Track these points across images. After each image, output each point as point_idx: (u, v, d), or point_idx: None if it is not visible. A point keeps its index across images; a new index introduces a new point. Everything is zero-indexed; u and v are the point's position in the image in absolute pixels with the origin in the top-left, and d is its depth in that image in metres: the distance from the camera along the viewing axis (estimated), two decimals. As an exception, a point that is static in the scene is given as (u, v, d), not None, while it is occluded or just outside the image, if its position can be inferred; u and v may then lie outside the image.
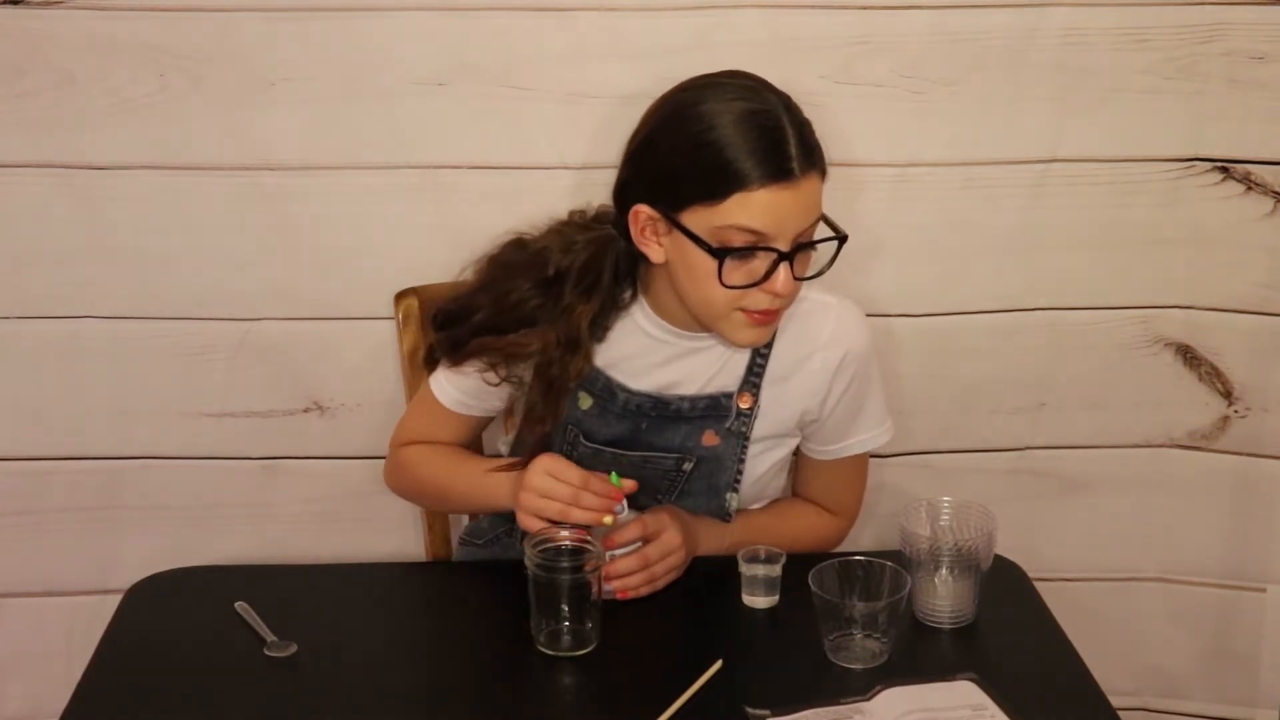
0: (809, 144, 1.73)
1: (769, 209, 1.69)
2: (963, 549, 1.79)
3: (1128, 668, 2.46)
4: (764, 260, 1.72)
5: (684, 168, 1.73)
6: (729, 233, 1.70)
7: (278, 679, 1.71)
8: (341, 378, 2.24)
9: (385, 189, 2.17)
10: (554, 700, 1.71)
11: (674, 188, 1.74)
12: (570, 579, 1.71)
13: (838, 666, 1.71)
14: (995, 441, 2.36)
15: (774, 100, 1.74)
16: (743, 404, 1.89)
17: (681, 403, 1.89)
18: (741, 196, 1.69)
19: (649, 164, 1.78)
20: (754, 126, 1.70)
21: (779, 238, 1.71)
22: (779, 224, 1.70)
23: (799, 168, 1.70)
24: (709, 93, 1.75)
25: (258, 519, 2.32)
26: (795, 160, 1.70)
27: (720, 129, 1.70)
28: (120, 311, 2.22)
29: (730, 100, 1.73)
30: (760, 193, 1.69)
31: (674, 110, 1.77)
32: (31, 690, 2.37)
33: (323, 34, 2.11)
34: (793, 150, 1.70)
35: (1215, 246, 2.26)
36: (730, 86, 1.76)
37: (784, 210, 1.70)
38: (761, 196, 1.69)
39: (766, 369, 1.90)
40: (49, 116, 2.12)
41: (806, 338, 1.90)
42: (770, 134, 1.70)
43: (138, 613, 1.87)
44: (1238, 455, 2.36)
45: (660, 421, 1.90)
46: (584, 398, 1.90)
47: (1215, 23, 2.15)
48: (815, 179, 1.74)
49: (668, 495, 1.93)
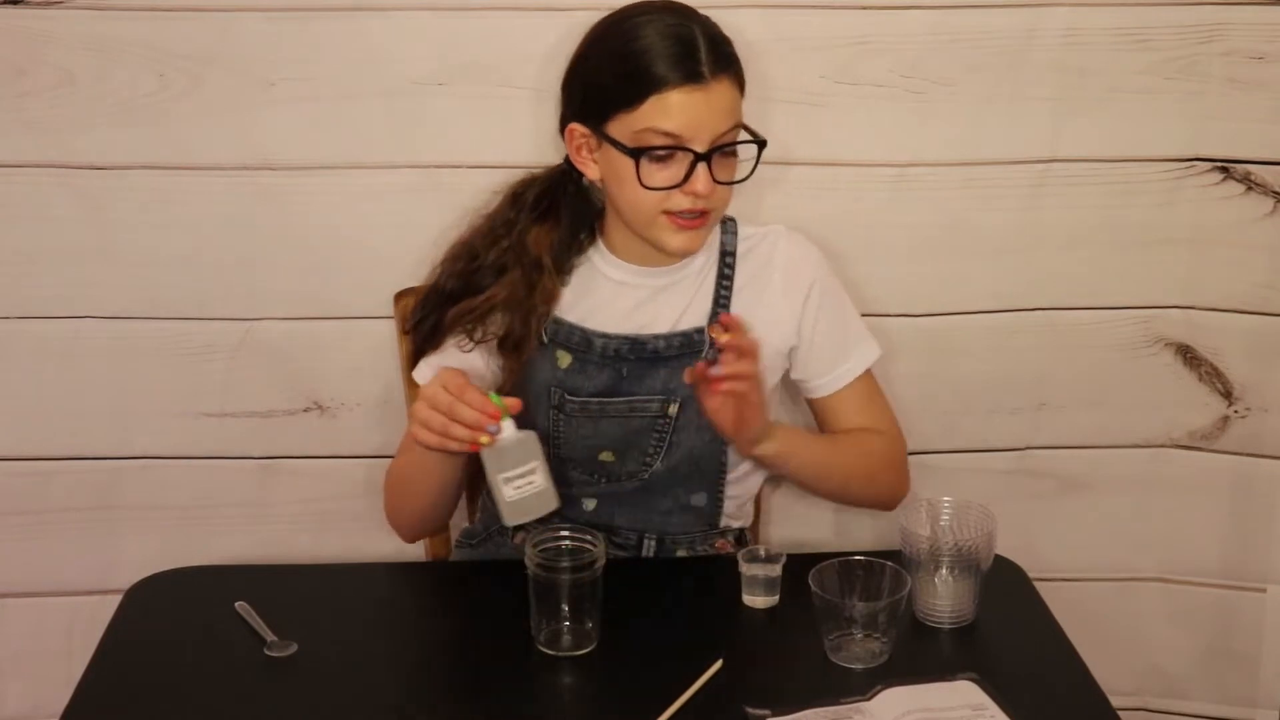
0: (722, 52, 1.84)
1: (682, 110, 1.80)
2: (963, 549, 1.79)
3: (1128, 668, 2.46)
4: (682, 162, 1.82)
5: (606, 80, 1.85)
6: (648, 136, 1.81)
7: (278, 679, 1.71)
8: (341, 378, 2.24)
9: (385, 189, 2.17)
10: (554, 700, 1.71)
11: (599, 100, 1.85)
12: (570, 579, 1.71)
13: (838, 666, 1.71)
14: (995, 441, 2.36)
15: (691, 14, 1.86)
16: (713, 333, 1.93)
17: (657, 341, 1.94)
18: (656, 99, 1.80)
19: (578, 83, 1.89)
20: (668, 36, 1.82)
21: (694, 139, 1.81)
22: (692, 125, 1.81)
23: (709, 71, 1.81)
24: (632, 13, 1.87)
25: (257, 519, 2.32)
26: (705, 64, 1.81)
27: (638, 40, 1.82)
28: (120, 311, 2.22)
29: (649, 17, 1.85)
30: (673, 94, 1.80)
31: (599, 31, 1.89)
32: (31, 690, 2.37)
33: (323, 34, 2.11)
34: (704, 55, 1.81)
35: (1215, 246, 2.26)
36: (653, 7, 1.87)
37: (697, 111, 1.80)
38: (675, 98, 1.80)
39: (731, 298, 1.96)
40: (49, 116, 2.12)
41: (760, 261, 2.00)
42: (683, 42, 1.81)
43: (138, 613, 1.87)
44: (1238, 455, 2.36)
45: (639, 366, 1.94)
46: (562, 356, 1.94)
47: (1215, 23, 2.15)
48: (728, 84, 1.84)
49: (660, 447, 1.95)
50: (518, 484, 1.72)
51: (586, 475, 1.98)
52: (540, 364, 1.96)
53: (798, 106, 2.17)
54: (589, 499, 1.99)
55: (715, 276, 1.98)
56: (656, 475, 1.96)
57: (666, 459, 1.96)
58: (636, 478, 1.97)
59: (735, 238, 2.01)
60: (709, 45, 1.82)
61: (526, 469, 1.72)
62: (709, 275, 1.98)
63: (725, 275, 1.98)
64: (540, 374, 1.95)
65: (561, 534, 1.76)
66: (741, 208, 2.21)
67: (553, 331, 1.95)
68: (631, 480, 1.97)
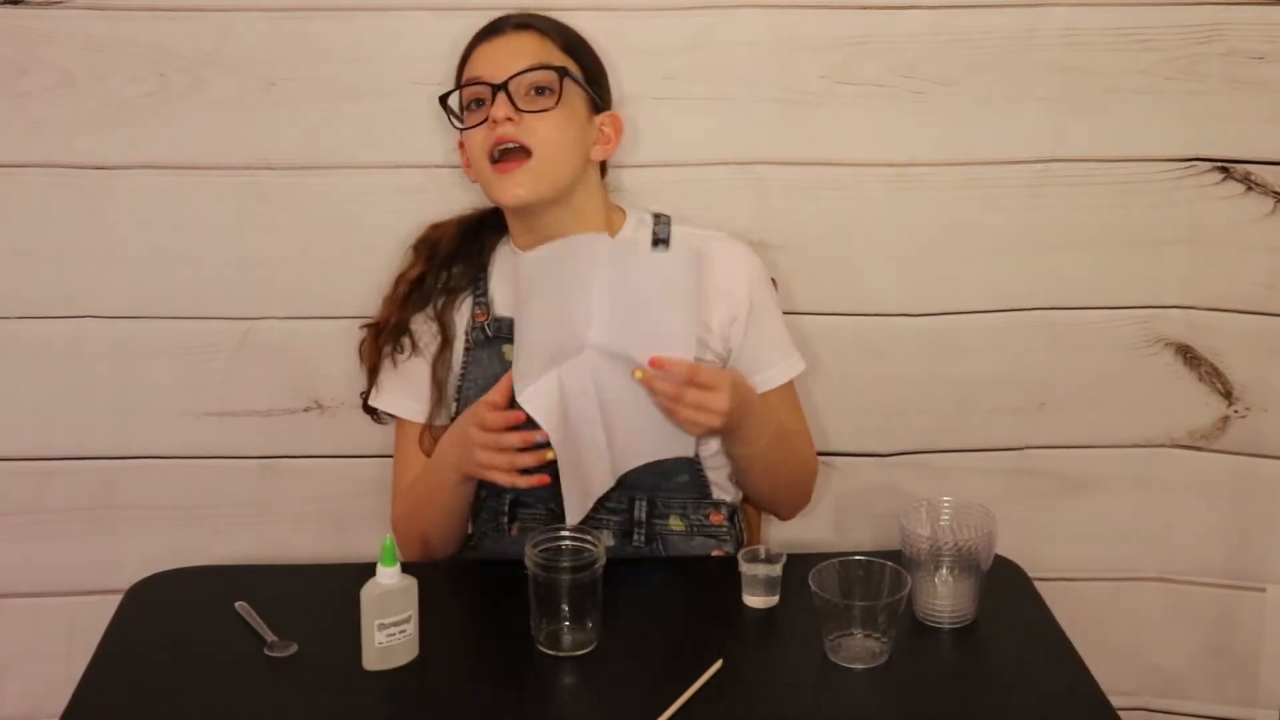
0: (530, 17, 2.00)
1: (479, 58, 1.98)
2: (963, 549, 1.79)
3: (1128, 668, 2.46)
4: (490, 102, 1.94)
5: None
6: (463, 91, 1.98)
7: (278, 679, 1.71)
8: (342, 377, 2.23)
9: (385, 189, 2.17)
10: (554, 700, 1.71)
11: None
12: (570, 579, 1.71)
13: (838, 666, 1.71)
14: (995, 441, 2.36)
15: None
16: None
17: None
18: (467, 61, 2.00)
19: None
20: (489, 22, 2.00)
21: (493, 76, 1.94)
22: (487, 64, 1.96)
23: (508, 26, 1.98)
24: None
25: (258, 519, 2.32)
26: (506, 23, 1.99)
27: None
28: (120, 311, 2.22)
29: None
30: (476, 51, 1.99)
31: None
32: (31, 690, 2.36)
33: (323, 34, 2.11)
34: (506, 18, 1.99)
35: (1215, 246, 2.26)
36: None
37: (493, 54, 1.97)
38: (476, 53, 1.99)
39: None
40: (49, 116, 2.12)
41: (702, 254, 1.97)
42: (495, 20, 2.00)
43: (138, 613, 1.87)
44: (1238, 455, 2.35)
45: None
46: (508, 349, 1.97)
47: (1215, 23, 2.15)
48: (531, 35, 1.98)
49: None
50: (390, 630, 1.69)
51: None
52: (487, 361, 1.99)
53: (798, 106, 2.17)
54: None
55: None
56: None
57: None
58: None
59: (668, 228, 2.03)
60: (517, 15, 2.00)
61: (402, 618, 1.70)
62: None
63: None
64: (489, 369, 1.98)
65: (561, 534, 1.76)
66: (742, 207, 2.21)
67: (495, 328, 1.99)
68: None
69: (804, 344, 2.18)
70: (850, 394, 2.31)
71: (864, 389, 2.31)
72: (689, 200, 2.16)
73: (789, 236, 2.23)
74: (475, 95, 1.96)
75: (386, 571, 1.69)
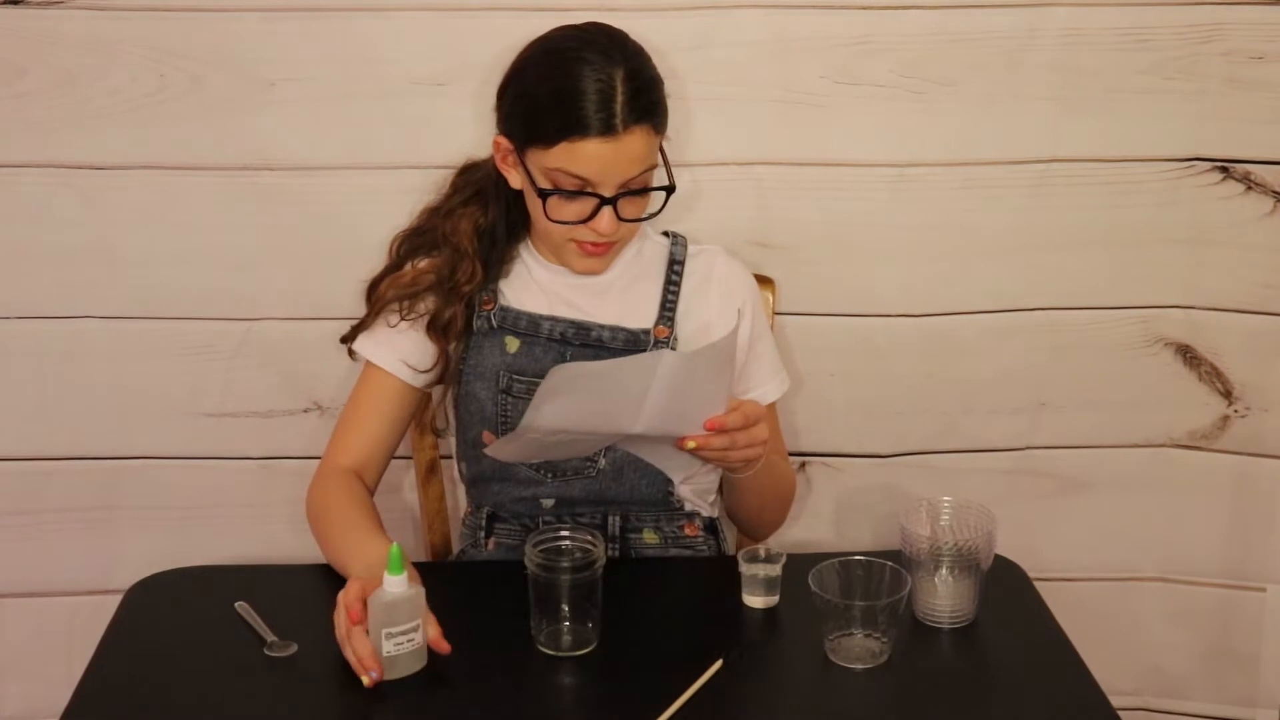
0: (640, 102, 1.85)
1: (592, 159, 1.84)
2: (963, 549, 1.79)
3: (1128, 668, 2.46)
4: (589, 202, 1.87)
5: (525, 111, 1.88)
6: (558, 175, 1.86)
7: (278, 679, 1.71)
8: (342, 378, 2.23)
9: (385, 189, 2.17)
10: (554, 700, 1.71)
11: (518, 127, 1.89)
12: (570, 579, 1.71)
13: (838, 666, 1.71)
14: (995, 441, 2.36)
15: (617, 57, 1.86)
16: (660, 334, 1.96)
17: (602, 330, 1.97)
18: (568, 145, 1.84)
19: (505, 101, 1.93)
20: (588, 81, 1.83)
21: (602, 184, 1.86)
22: (601, 172, 1.85)
23: (623, 123, 1.83)
24: (565, 43, 1.89)
25: (258, 519, 2.32)
26: (620, 117, 1.83)
27: (563, 80, 1.84)
28: (120, 311, 2.22)
29: (580, 54, 1.86)
30: (584, 144, 1.83)
31: (527, 56, 1.92)
32: (31, 690, 2.37)
33: (323, 34, 2.11)
34: (619, 108, 1.83)
35: (1215, 246, 2.26)
36: (587, 40, 1.88)
37: (605, 161, 1.84)
38: (586, 148, 1.83)
39: (678, 304, 2.00)
40: (49, 116, 2.12)
41: (702, 274, 2.03)
42: (603, 93, 1.83)
43: (138, 613, 1.87)
44: (1238, 455, 2.36)
45: (583, 353, 1.96)
46: (510, 341, 1.97)
47: (1215, 23, 2.15)
48: (642, 133, 1.86)
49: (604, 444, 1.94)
50: (398, 640, 1.68)
51: (533, 471, 1.97)
52: (489, 350, 1.98)
53: (798, 106, 2.17)
54: (546, 499, 1.99)
55: (663, 283, 2.01)
56: (603, 472, 1.96)
57: (610, 452, 1.96)
58: (583, 474, 1.97)
59: (684, 249, 2.04)
60: (629, 95, 1.84)
61: (410, 626, 1.69)
62: (656, 281, 2.01)
63: (673, 282, 2.01)
64: (489, 359, 1.97)
65: (561, 534, 1.76)
66: (742, 208, 2.21)
67: (500, 318, 1.98)
68: (579, 476, 1.97)
69: (804, 344, 2.18)
70: (850, 394, 2.31)
71: (864, 389, 2.31)
72: (689, 200, 2.16)
73: (789, 237, 2.23)
74: (578, 189, 1.87)
75: (393, 580, 1.68)
